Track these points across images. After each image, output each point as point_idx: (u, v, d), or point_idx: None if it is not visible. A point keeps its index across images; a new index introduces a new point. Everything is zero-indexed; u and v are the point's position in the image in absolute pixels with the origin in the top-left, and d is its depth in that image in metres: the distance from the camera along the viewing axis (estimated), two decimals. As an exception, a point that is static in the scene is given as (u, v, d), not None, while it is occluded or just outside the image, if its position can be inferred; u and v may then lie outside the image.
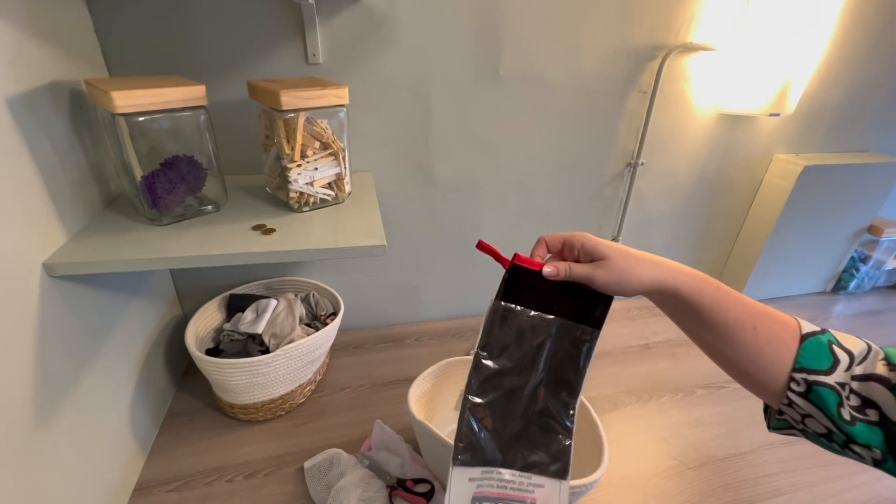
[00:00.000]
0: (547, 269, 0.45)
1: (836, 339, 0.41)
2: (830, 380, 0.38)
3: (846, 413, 0.38)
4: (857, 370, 0.39)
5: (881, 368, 0.38)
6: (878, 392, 0.37)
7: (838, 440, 0.39)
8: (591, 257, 0.44)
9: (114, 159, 0.65)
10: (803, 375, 0.39)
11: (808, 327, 0.42)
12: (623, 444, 0.77)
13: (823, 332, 0.41)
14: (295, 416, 0.81)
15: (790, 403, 0.41)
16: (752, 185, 1.13)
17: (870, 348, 0.40)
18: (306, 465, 0.70)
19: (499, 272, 0.46)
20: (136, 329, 0.73)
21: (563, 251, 0.47)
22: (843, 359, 0.39)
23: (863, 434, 0.37)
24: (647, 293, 0.44)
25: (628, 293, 0.44)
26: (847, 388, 0.38)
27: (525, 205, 1.00)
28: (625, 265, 0.43)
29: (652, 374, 0.95)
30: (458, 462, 0.43)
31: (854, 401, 0.38)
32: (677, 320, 0.45)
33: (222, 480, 0.69)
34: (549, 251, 0.48)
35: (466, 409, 0.44)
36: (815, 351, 0.40)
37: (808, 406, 0.39)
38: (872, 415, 0.37)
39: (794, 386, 0.40)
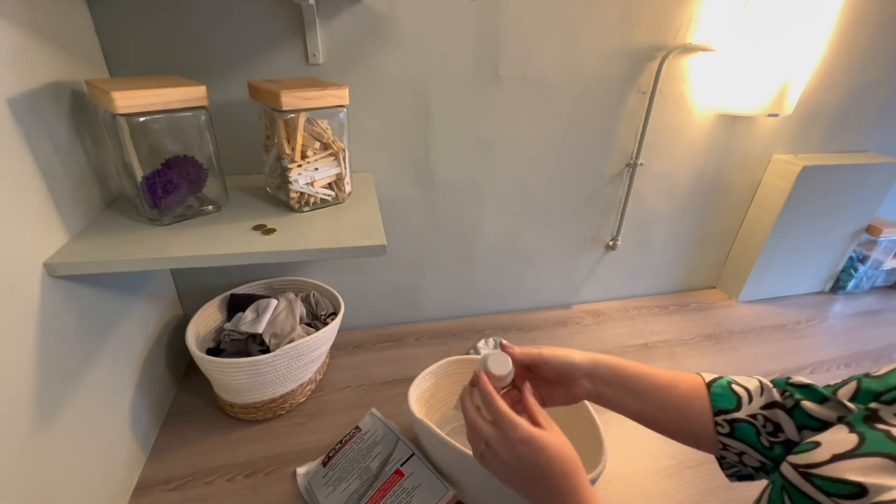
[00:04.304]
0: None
1: (732, 379, 0.46)
2: (742, 414, 0.43)
3: (765, 440, 0.41)
4: (761, 401, 0.43)
5: (777, 395, 0.42)
6: (781, 417, 0.40)
7: (769, 468, 0.42)
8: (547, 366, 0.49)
9: (114, 159, 0.65)
10: (722, 417, 0.44)
11: (708, 376, 0.47)
12: (622, 443, 0.76)
13: (721, 377, 0.47)
14: (295, 416, 0.81)
15: (724, 447, 0.44)
16: (750, 186, 1.13)
17: (761, 382, 0.45)
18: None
19: (500, 274, 0.46)
20: (136, 329, 0.73)
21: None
22: (743, 395, 0.44)
23: (781, 456, 0.39)
24: (588, 370, 0.48)
25: (566, 366, 0.48)
26: (759, 418, 0.42)
27: (525, 205, 1.00)
28: (562, 351, 0.48)
29: (651, 373, 0.95)
30: None
31: (769, 427, 0.41)
32: (611, 400, 0.49)
33: (223, 480, 0.69)
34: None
35: None
36: (721, 394, 0.45)
37: (737, 444, 0.43)
38: (783, 437, 0.40)
39: (720, 430, 0.44)
